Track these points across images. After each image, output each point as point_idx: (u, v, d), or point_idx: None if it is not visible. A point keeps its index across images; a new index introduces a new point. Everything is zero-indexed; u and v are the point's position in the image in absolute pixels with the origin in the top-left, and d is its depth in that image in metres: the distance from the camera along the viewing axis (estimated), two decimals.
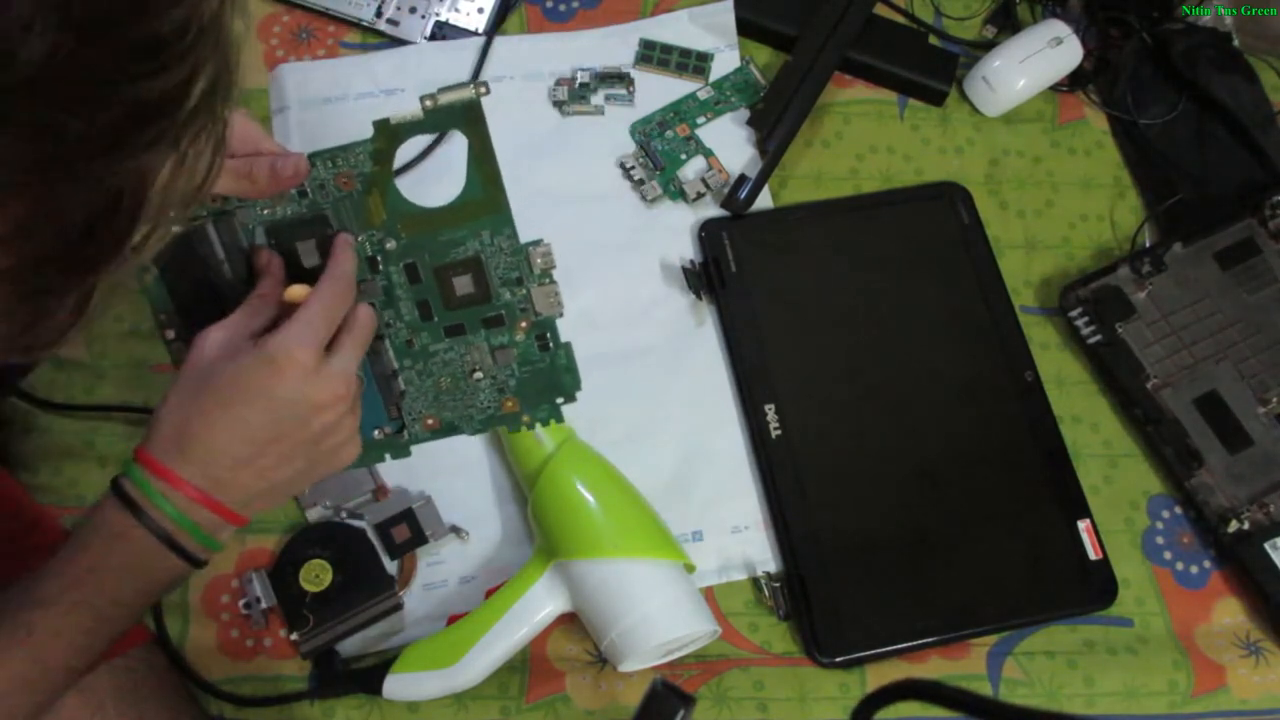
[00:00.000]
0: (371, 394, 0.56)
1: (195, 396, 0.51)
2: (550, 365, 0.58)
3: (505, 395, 0.58)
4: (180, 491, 0.50)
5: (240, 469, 0.51)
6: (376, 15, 0.83)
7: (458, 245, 0.55)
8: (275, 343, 0.50)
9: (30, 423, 0.71)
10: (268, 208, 0.54)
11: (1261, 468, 0.74)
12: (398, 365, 0.57)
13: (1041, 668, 0.70)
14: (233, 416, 0.50)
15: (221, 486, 0.51)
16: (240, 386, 0.50)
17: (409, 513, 0.69)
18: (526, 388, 0.58)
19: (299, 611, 0.65)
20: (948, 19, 0.90)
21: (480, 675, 0.63)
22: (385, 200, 0.54)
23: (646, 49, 0.84)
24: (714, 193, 0.80)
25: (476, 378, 0.57)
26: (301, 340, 0.51)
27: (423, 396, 0.57)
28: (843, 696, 0.68)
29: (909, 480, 0.73)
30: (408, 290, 0.55)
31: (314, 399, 0.51)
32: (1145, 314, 0.78)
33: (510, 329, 0.57)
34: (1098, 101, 0.87)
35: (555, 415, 0.59)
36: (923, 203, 0.81)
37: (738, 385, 0.75)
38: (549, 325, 0.57)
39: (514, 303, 0.56)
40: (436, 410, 0.58)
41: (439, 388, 0.57)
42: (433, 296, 0.56)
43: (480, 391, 0.57)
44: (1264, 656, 0.71)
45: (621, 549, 0.63)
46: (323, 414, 0.52)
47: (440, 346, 0.56)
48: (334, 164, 0.53)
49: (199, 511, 0.51)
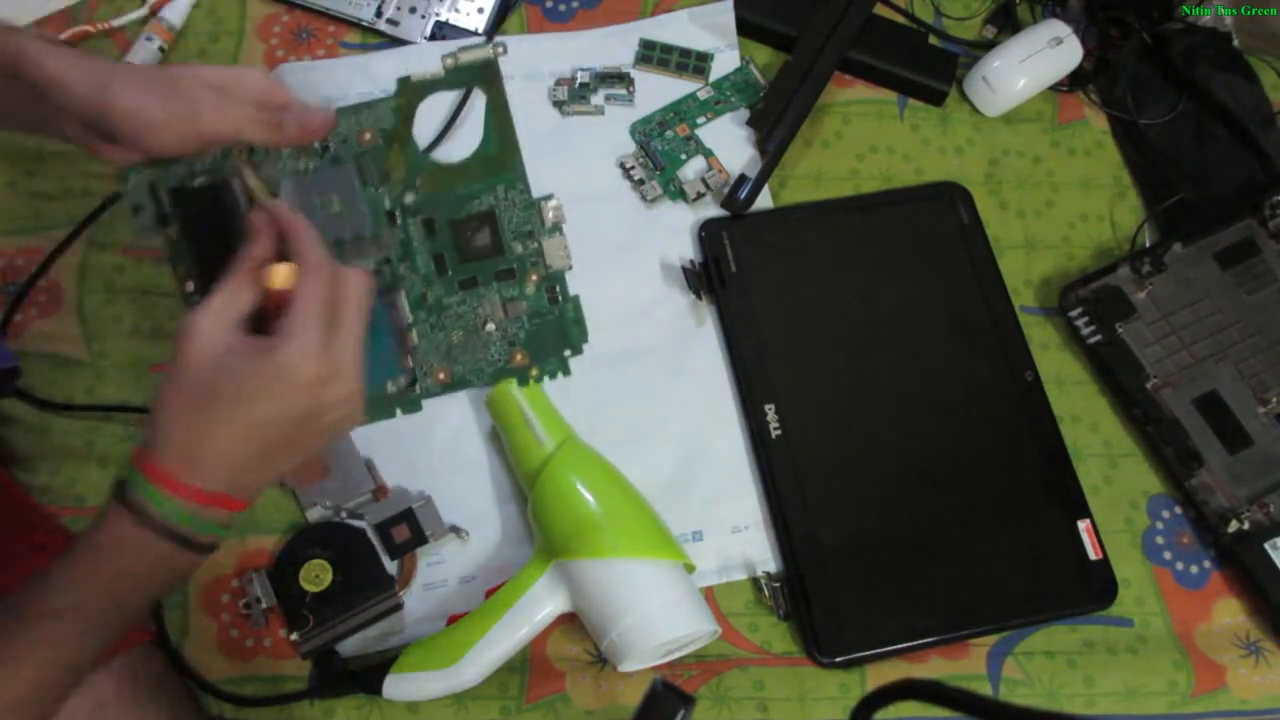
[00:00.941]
0: (385, 346, 0.56)
1: (198, 401, 0.49)
2: (559, 318, 0.60)
3: (515, 348, 0.60)
4: (193, 500, 0.50)
5: (252, 468, 0.51)
6: (376, 15, 0.83)
7: (473, 199, 0.58)
8: (282, 356, 0.49)
9: (30, 423, 0.71)
10: (293, 160, 0.55)
11: (1261, 468, 0.74)
12: (411, 319, 0.57)
13: (1041, 668, 0.70)
14: (243, 423, 0.49)
15: (234, 487, 0.51)
16: (249, 396, 0.49)
17: (409, 513, 0.69)
18: (535, 340, 0.59)
19: (299, 611, 0.65)
20: (948, 19, 0.90)
21: (480, 675, 0.63)
22: (405, 155, 0.55)
23: (646, 49, 0.84)
24: (714, 193, 0.80)
25: (489, 330, 0.58)
26: (307, 351, 0.49)
27: (435, 350, 0.58)
28: (843, 696, 0.68)
29: (909, 480, 0.73)
30: (424, 244, 0.58)
31: (326, 400, 0.50)
32: (1145, 314, 0.78)
33: (521, 282, 0.59)
34: (1098, 101, 0.87)
35: (563, 369, 0.60)
36: (923, 203, 0.81)
37: (738, 385, 0.75)
38: (559, 278, 0.60)
39: (525, 256, 0.59)
40: (448, 363, 0.59)
41: (450, 341, 0.58)
42: (448, 250, 0.58)
43: (491, 345, 0.59)
44: (1264, 656, 0.71)
45: (621, 549, 0.63)
46: (336, 409, 0.51)
47: (454, 300, 0.58)
48: (358, 119, 0.55)
49: (211, 511, 0.51)
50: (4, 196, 0.76)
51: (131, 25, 0.81)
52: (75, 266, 0.75)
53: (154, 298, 0.74)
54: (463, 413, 0.73)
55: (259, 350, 0.50)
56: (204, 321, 0.50)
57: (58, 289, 0.74)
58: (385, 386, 0.57)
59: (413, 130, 0.55)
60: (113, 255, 0.75)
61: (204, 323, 0.50)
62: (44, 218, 0.76)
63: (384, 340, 0.57)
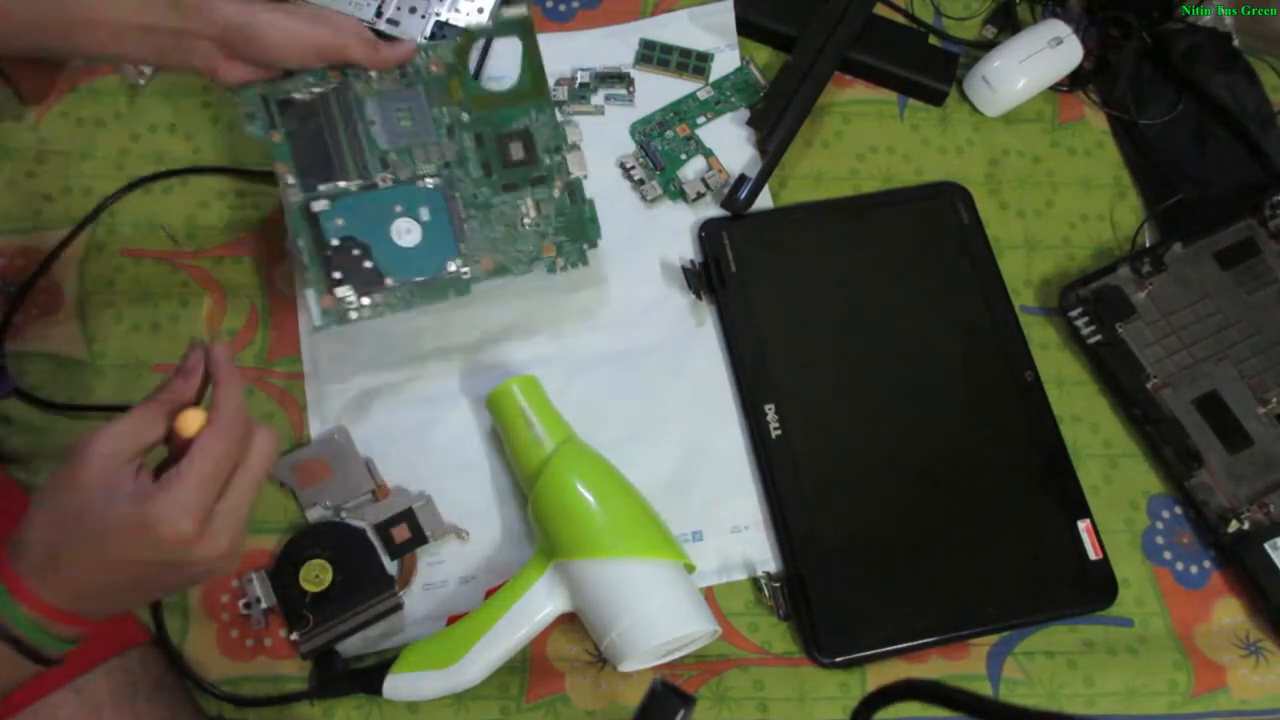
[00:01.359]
0: (446, 234, 0.69)
1: (65, 524, 0.48)
2: (579, 216, 0.72)
3: (545, 240, 0.71)
4: (39, 613, 0.48)
5: (107, 597, 0.49)
6: (376, 15, 0.83)
7: (513, 120, 0.72)
8: (159, 508, 0.47)
9: (30, 423, 0.71)
10: (378, 82, 0.69)
11: (1261, 468, 0.74)
12: (464, 215, 0.70)
13: (1041, 668, 0.70)
14: (98, 560, 0.48)
15: (84, 607, 0.49)
16: (113, 535, 0.47)
17: (409, 513, 0.69)
18: (561, 234, 0.71)
19: (299, 611, 0.65)
20: (948, 19, 0.90)
21: (480, 675, 0.63)
22: (462, 83, 0.71)
23: (646, 49, 0.84)
24: (714, 193, 0.80)
25: (526, 223, 0.70)
26: (185, 509, 0.47)
27: (482, 241, 0.70)
28: (843, 696, 0.68)
29: (909, 480, 0.73)
30: (474, 153, 0.70)
31: (193, 556, 0.48)
32: (1145, 314, 0.78)
33: (549, 186, 0.71)
34: (1098, 101, 0.87)
35: (582, 259, 0.72)
36: (923, 203, 0.81)
37: (738, 385, 0.75)
38: (577, 185, 0.72)
39: (553, 165, 0.72)
40: (493, 253, 0.70)
41: (495, 234, 0.70)
42: (494, 159, 0.71)
43: (527, 237, 0.71)
44: (1264, 656, 0.71)
45: (621, 549, 0.63)
46: (203, 564, 0.49)
47: (498, 199, 0.70)
48: (428, 54, 0.71)
49: (55, 626, 0.48)
50: (4, 196, 0.76)
51: None
52: (75, 266, 0.75)
53: (154, 298, 0.74)
54: (463, 413, 0.73)
55: (137, 495, 0.47)
56: (99, 445, 0.48)
57: (58, 289, 0.74)
58: (445, 266, 0.69)
59: (468, 65, 0.72)
60: (113, 255, 0.75)
61: (98, 446, 0.48)
62: (44, 218, 0.76)
63: (445, 230, 0.69)
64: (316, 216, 0.67)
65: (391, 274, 0.67)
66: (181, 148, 0.79)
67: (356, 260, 0.67)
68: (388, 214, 0.68)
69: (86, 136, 0.78)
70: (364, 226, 0.68)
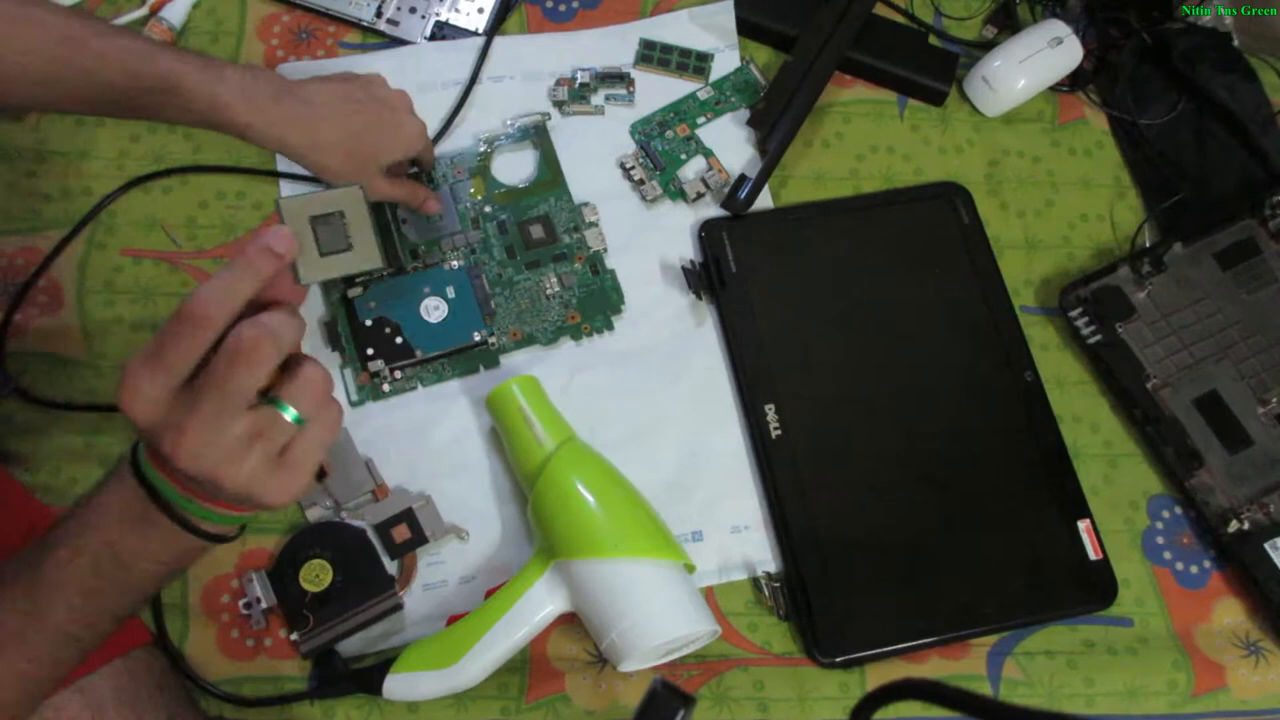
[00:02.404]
0: (471, 307, 0.75)
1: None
2: (601, 286, 0.77)
3: (569, 309, 0.76)
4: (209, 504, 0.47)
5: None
6: (376, 15, 0.83)
7: (533, 207, 0.78)
8: None
9: (30, 423, 0.71)
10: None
11: (1261, 468, 0.74)
12: (490, 292, 0.76)
13: (1041, 668, 0.70)
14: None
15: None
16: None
17: (409, 513, 0.69)
18: (585, 304, 0.76)
19: (299, 611, 0.65)
20: (948, 19, 0.90)
21: (480, 675, 0.63)
22: (485, 182, 0.79)
23: (646, 49, 0.84)
24: (714, 193, 0.80)
25: (549, 294, 0.76)
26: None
27: (509, 315, 0.75)
28: (843, 696, 0.68)
29: (909, 480, 0.73)
30: (498, 239, 0.77)
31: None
32: (1145, 314, 0.78)
33: (571, 260, 0.77)
34: (1098, 101, 0.87)
35: (607, 325, 0.76)
36: (923, 203, 0.81)
37: (738, 385, 0.75)
38: (598, 258, 0.77)
39: (573, 243, 0.78)
40: (519, 325, 0.75)
41: (520, 307, 0.76)
42: (516, 243, 0.77)
43: (552, 309, 0.76)
44: (1264, 656, 0.71)
45: (621, 549, 0.63)
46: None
47: (522, 277, 0.77)
48: (452, 162, 0.79)
49: (218, 510, 0.48)
50: (4, 196, 0.76)
51: (132, 25, 0.81)
52: (75, 266, 0.75)
53: (154, 298, 0.74)
54: (463, 413, 0.73)
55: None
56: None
57: (58, 289, 0.74)
58: (472, 336, 0.74)
59: (490, 166, 0.79)
60: (113, 255, 0.75)
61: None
62: (44, 218, 0.76)
63: (471, 305, 0.75)
64: (352, 302, 0.73)
65: (422, 347, 0.73)
66: (181, 147, 0.79)
67: (389, 337, 0.73)
68: (418, 294, 0.75)
69: (86, 136, 0.78)
70: (395, 306, 0.74)
